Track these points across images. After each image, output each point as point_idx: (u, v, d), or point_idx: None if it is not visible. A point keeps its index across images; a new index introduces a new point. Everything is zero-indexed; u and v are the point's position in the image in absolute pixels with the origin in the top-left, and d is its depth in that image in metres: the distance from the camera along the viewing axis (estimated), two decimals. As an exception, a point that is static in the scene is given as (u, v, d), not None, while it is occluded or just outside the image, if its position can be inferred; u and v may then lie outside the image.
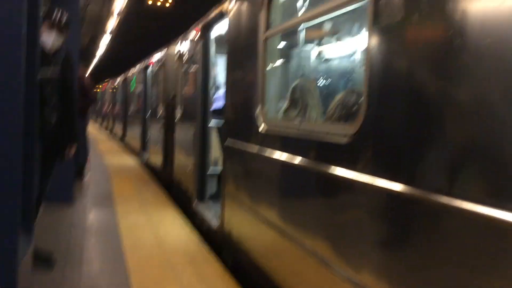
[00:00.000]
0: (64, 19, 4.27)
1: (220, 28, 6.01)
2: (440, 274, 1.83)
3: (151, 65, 11.77)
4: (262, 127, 3.82)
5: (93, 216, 6.32)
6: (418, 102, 2.00)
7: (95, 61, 27.87)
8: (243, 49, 4.48)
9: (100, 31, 16.69)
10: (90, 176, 9.41)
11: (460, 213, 1.72)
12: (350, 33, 6.31)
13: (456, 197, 1.74)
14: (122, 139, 17.25)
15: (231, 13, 4.79)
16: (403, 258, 2.07)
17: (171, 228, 5.73)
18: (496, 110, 1.60)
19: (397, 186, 2.07)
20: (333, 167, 2.65)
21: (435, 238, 1.87)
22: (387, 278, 2.17)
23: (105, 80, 25.10)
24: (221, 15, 5.29)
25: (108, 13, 12.26)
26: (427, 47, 1.95)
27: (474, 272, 1.67)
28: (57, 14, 4.24)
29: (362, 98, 2.43)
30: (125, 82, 17.38)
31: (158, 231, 5.55)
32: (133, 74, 15.61)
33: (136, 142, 13.83)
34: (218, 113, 6.42)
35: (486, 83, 1.64)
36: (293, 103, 3.83)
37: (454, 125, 1.78)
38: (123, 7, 10.82)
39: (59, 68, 4.23)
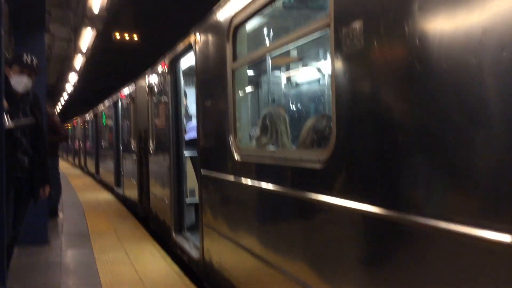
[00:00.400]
0: (35, 63, 4.30)
1: (189, 60, 6.09)
2: (417, 290, 1.88)
3: (121, 99, 11.75)
4: (236, 156, 3.87)
5: (69, 255, 6.19)
6: (383, 126, 2.08)
7: (64, 98, 27.59)
8: (212, 80, 4.54)
9: (68, 69, 16.59)
10: (65, 214, 9.23)
11: (433, 232, 1.79)
12: (317, 58, 6.48)
13: (427, 216, 1.81)
14: (96, 175, 17.01)
15: (198, 45, 4.88)
16: (382, 278, 2.12)
17: (150, 262, 5.65)
18: (459, 133, 1.68)
19: (370, 208, 2.13)
20: (309, 192, 2.70)
21: (411, 257, 1.92)
22: (367, 298, 2.21)
23: (74, 118, 24.87)
24: (188, 47, 5.37)
25: (74, 51, 12.24)
26: (387, 73, 2.04)
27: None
28: (27, 58, 4.27)
29: (332, 124, 2.50)
30: (96, 117, 17.24)
31: (137, 266, 5.46)
32: (103, 108, 15.52)
33: (110, 177, 13.66)
34: (192, 143, 6.44)
35: (446, 105, 1.73)
36: (264, 130, 3.90)
37: (419, 146, 1.87)
38: (90, 45, 10.83)
39: (31, 114, 4.23)
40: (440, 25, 1.74)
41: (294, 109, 6.94)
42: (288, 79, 6.85)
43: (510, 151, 1.49)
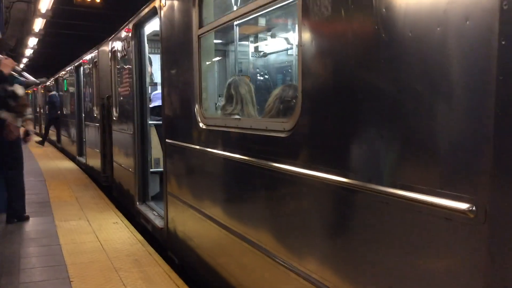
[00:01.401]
0: None
1: (154, 25, 5.93)
2: (376, 259, 1.93)
3: (83, 65, 11.40)
4: (201, 125, 3.83)
5: (29, 224, 6.06)
6: (348, 95, 2.09)
7: (24, 63, 26.55)
8: (177, 47, 4.45)
9: (27, 33, 15.91)
10: (25, 182, 8.99)
11: (392, 200, 1.82)
12: (284, 28, 6.43)
13: (387, 185, 1.84)
14: (57, 143, 16.60)
15: (164, 10, 4.74)
16: (343, 245, 2.16)
17: (113, 231, 5.60)
18: (420, 102, 1.70)
19: (333, 177, 2.16)
20: (273, 161, 2.71)
21: (372, 225, 1.96)
22: (328, 266, 2.26)
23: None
24: (153, 12, 5.22)
25: (34, 13, 11.71)
26: (354, 42, 2.03)
27: (410, 254, 1.78)
28: None
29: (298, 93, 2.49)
30: (57, 83, 16.70)
31: (100, 235, 5.41)
32: (65, 74, 15.03)
33: (72, 146, 13.36)
34: (157, 111, 6.33)
35: (409, 75, 1.74)
36: (229, 99, 3.87)
37: (381, 116, 1.88)
38: (50, 6, 10.38)
39: None
40: (407, -6, 1.74)
41: (261, 79, 6.91)
42: (256, 48, 6.78)
43: (469, 121, 1.52)
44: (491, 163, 1.45)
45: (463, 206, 1.52)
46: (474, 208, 1.50)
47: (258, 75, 6.92)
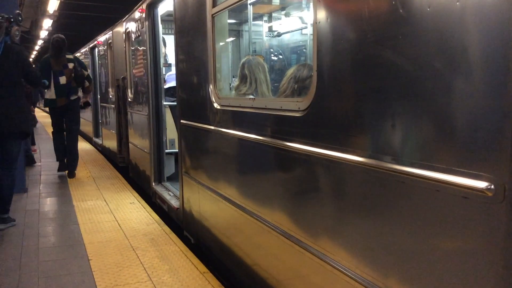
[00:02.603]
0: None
1: (168, 5, 5.89)
2: (393, 238, 1.92)
3: (98, 46, 11.42)
4: (215, 105, 3.82)
5: (48, 203, 6.17)
6: (364, 73, 2.06)
7: (39, 45, 26.71)
8: (191, 27, 4.42)
9: (42, 15, 15.95)
10: (43, 163, 9.15)
11: (409, 179, 1.80)
12: (299, 7, 6.35)
13: (404, 164, 1.82)
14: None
15: (178, -10, 4.70)
16: (359, 225, 2.16)
17: (129, 211, 5.68)
18: (439, 80, 1.67)
19: (349, 156, 2.14)
20: (288, 141, 2.70)
21: (388, 204, 1.95)
22: (344, 246, 2.26)
23: None
24: (167, -7, 5.18)
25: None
26: (371, 18, 2.00)
27: (428, 234, 1.77)
28: None
29: (313, 72, 2.47)
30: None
31: (117, 215, 5.49)
32: (80, 55, 15.09)
33: (88, 127, 13.49)
34: (171, 92, 6.35)
35: (428, 51, 1.71)
36: (243, 79, 3.85)
37: (399, 94, 1.85)
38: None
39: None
40: (426, -32, 1.69)
41: (276, 58, 6.86)
42: (270, 28, 6.71)
43: (488, 98, 1.49)
44: (510, 141, 1.42)
45: (482, 184, 1.50)
46: (492, 186, 1.48)
47: (272, 55, 6.87)
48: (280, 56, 6.93)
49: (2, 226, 4.96)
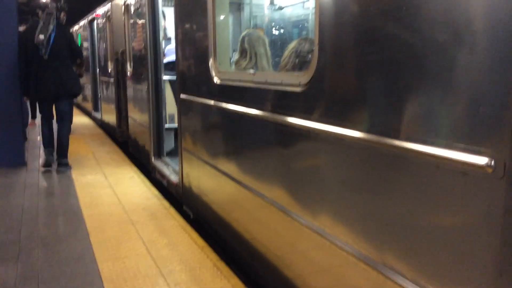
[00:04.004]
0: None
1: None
2: (392, 215, 1.92)
3: (97, 19, 11.28)
4: (215, 80, 3.78)
5: (47, 177, 6.18)
6: (366, 47, 2.02)
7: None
8: (192, 0, 4.34)
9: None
10: (41, 137, 9.12)
11: (409, 154, 1.79)
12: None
13: (402, 139, 1.81)
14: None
15: (178, -38, 4.61)
16: (358, 201, 2.16)
17: (129, 185, 5.69)
18: (442, 54, 1.64)
19: (349, 132, 2.12)
20: (288, 116, 2.68)
21: (385, 180, 1.95)
22: (343, 222, 2.26)
23: None
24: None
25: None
26: (374, -9, 1.95)
27: (427, 210, 1.76)
28: None
29: (314, 46, 2.43)
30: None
31: (116, 189, 5.51)
32: (79, 28, 14.93)
33: (87, 102, 13.43)
34: (171, 66, 6.28)
35: (432, 24, 1.67)
36: (243, 53, 3.80)
37: (400, 68, 1.82)
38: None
39: None
40: None
41: (277, 33, 6.78)
42: (272, 1, 6.60)
43: (490, 73, 1.46)
44: (511, 117, 1.40)
45: (481, 160, 1.49)
46: (492, 163, 1.46)
47: (273, 28, 6.77)
48: (281, 30, 6.84)
49: (64, 168, 6.38)
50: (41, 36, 5.96)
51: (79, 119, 12.50)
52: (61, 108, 6.39)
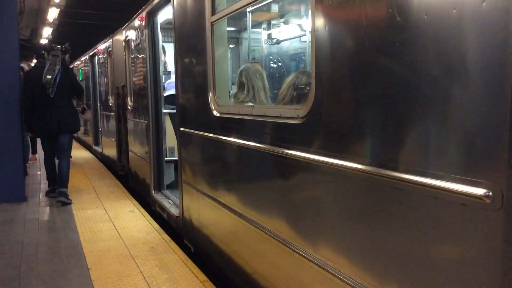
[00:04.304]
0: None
1: (167, 14, 5.92)
2: (392, 246, 1.91)
3: (98, 54, 11.45)
4: (215, 112, 3.83)
5: (47, 212, 6.16)
6: (362, 81, 2.06)
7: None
8: (191, 35, 4.43)
9: (42, 23, 16.02)
10: (42, 172, 9.13)
11: (407, 186, 1.80)
12: (297, 14, 6.37)
13: (401, 171, 1.82)
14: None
15: (177, -1, 4.73)
16: (358, 232, 2.15)
17: (129, 219, 5.67)
18: (436, 87, 1.67)
19: (347, 164, 2.14)
20: (287, 148, 2.70)
21: (384, 211, 1.95)
22: (343, 254, 2.25)
23: None
24: (166, 0, 5.20)
25: (48, 3, 11.78)
26: (368, 26, 2.00)
27: (426, 241, 1.76)
28: None
29: (311, 79, 2.47)
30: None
31: (116, 223, 5.48)
32: (80, 63, 15.14)
33: (88, 136, 13.50)
34: (171, 100, 6.36)
35: (425, 58, 1.71)
36: (241, 87, 3.86)
37: (396, 101, 1.85)
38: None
39: None
40: (422, -24, 1.70)
41: (275, 66, 6.88)
42: (269, 35, 6.74)
43: (485, 105, 1.49)
44: (507, 148, 1.42)
45: (480, 191, 1.50)
46: (490, 193, 1.47)
47: (271, 62, 6.88)
48: (279, 63, 6.94)
49: (63, 198, 6.51)
50: (49, 77, 6.36)
51: (79, 153, 12.54)
52: (62, 142, 6.70)
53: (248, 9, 5.46)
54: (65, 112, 6.60)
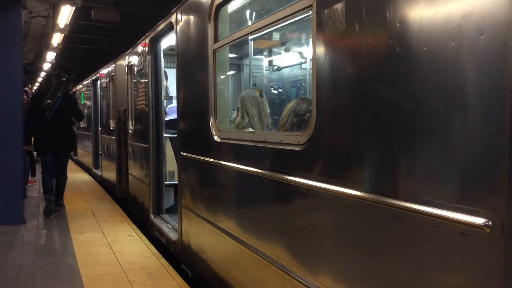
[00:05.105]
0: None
1: (170, 40, 6.01)
2: (393, 274, 1.91)
3: (100, 79, 11.56)
4: (216, 138, 3.85)
5: (45, 235, 6.12)
6: (362, 109, 2.09)
7: (41, 77, 27.01)
8: (193, 61, 4.50)
9: (46, 47, 16.21)
10: (41, 194, 9.10)
11: (408, 214, 1.81)
12: (298, 42, 6.47)
13: (401, 199, 1.83)
14: (73, 156, 16.80)
15: (180, 25, 4.81)
16: (358, 260, 2.15)
17: (127, 244, 5.63)
18: (436, 117, 1.70)
19: (347, 191, 2.15)
20: (288, 174, 2.71)
21: (385, 239, 1.95)
22: (343, 280, 2.24)
23: None
24: (170, 27, 5.29)
25: (52, 28, 11.95)
26: (368, 56, 2.04)
27: (426, 270, 1.76)
28: None
29: (312, 106, 2.50)
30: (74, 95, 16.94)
31: (115, 247, 5.44)
32: (82, 87, 15.26)
33: (88, 158, 13.50)
34: (172, 124, 6.39)
35: (424, 89, 1.74)
36: (238, 113, 3.91)
37: (396, 130, 1.88)
38: (69, 22, 10.58)
39: None
40: (421, 9, 1.75)
41: (275, 92, 6.95)
42: (270, 62, 6.82)
43: (485, 135, 1.51)
44: (507, 177, 1.44)
45: (480, 221, 1.51)
46: (490, 223, 1.48)
47: (272, 88, 6.95)
48: (280, 90, 7.02)
49: (60, 208, 7.62)
50: (49, 101, 7.18)
51: (79, 176, 12.52)
52: (59, 161, 7.62)
53: (250, 37, 5.54)
54: (61, 133, 7.39)
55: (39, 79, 29.12)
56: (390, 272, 1.92)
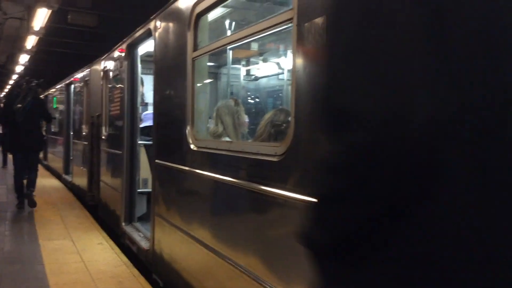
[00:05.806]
0: None
1: (147, 46, 5.97)
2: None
3: (74, 83, 11.39)
4: (192, 146, 3.83)
5: (12, 242, 5.95)
6: (340, 121, 2.11)
7: (13, 80, 26.46)
8: (171, 69, 4.47)
9: (19, 50, 15.89)
10: (9, 200, 8.87)
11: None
12: (276, 53, 6.52)
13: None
14: (43, 160, 16.44)
15: (158, 32, 4.79)
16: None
17: (97, 252, 5.53)
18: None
19: (324, 201, 2.16)
20: (264, 185, 2.71)
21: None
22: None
23: None
24: (148, 34, 5.26)
25: (27, 31, 11.73)
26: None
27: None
28: None
29: (290, 118, 2.52)
30: (46, 100, 16.62)
31: (84, 256, 5.33)
32: (55, 91, 15.00)
33: (58, 163, 13.23)
34: (146, 131, 6.33)
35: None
36: (215, 121, 3.91)
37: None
38: (44, 24, 10.41)
39: None
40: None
41: (252, 102, 6.97)
42: (248, 72, 6.85)
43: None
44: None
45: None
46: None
47: (249, 98, 6.97)
48: (257, 99, 7.04)
49: (29, 192, 8.13)
50: (19, 105, 7.82)
51: (48, 182, 12.24)
52: (31, 159, 8.34)
53: (229, 47, 5.56)
54: (31, 135, 8.02)
55: (11, 82, 28.51)
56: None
